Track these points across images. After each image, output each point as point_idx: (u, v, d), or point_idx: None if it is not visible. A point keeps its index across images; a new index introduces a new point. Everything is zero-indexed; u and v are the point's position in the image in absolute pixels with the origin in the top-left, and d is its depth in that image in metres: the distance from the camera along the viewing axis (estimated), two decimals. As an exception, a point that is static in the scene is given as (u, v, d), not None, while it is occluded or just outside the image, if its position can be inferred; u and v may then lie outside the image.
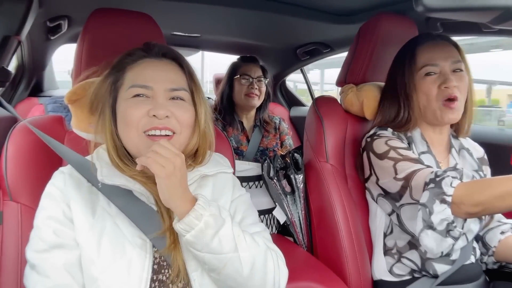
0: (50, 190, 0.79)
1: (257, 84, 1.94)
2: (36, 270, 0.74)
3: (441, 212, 0.95)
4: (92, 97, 0.86)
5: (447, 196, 0.94)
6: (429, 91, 1.12)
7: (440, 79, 1.11)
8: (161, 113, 0.78)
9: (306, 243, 1.42)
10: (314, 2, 1.57)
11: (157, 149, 0.73)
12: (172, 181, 0.73)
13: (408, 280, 1.14)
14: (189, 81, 0.86)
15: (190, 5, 1.56)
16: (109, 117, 0.83)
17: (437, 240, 0.96)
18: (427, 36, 1.17)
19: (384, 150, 1.11)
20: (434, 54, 1.12)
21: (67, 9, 1.66)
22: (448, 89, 1.09)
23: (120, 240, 0.77)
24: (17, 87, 2.15)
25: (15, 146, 0.94)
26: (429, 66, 1.12)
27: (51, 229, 0.76)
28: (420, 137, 1.18)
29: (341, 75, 1.44)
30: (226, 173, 0.94)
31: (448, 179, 0.96)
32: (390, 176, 1.07)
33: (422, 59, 1.13)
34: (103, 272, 0.74)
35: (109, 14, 1.07)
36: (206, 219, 0.72)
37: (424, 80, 1.12)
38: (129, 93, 0.80)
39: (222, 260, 0.74)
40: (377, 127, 1.21)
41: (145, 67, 0.83)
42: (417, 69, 1.13)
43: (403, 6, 1.38)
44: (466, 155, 1.22)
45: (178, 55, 0.88)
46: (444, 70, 1.11)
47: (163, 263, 0.80)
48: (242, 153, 1.92)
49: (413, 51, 1.15)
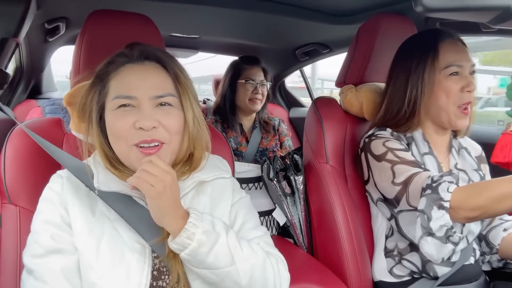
0: (48, 194, 0.78)
1: (261, 88, 1.93)
2: (33, 275, 0.73)
3: (440, 218, 0.94)
4: (79, 107, 0.84)
5: (444, 202, 0.93)
6: (451, 91, 1.09)
7: (462, 81, 1.08)
8: (148, 124, 0.74)
9: (306, 245, 1.42)
10: (313, 3, 1.57)
11: (146, 168, 0.71)
12: (163, 200, 0.71)
13: (408, 281, 1.13)
14: (175, 84, 0.81)
15: (188, 6, 1.55)
16: (97, 128, 0.80)
17: (437, 246, 0.96)
18: (447, 34, 1.13)
19: (381, 151, 1.10)
20: (459, 54, 1.10)
21: (65, 11, 1.66)
22: (469, 93, 1.08)
23: (119, 245, 0.76)
24: (16, 89, 2.15)
25: (13, 149, 0.93)
26: (454, 66, 1.08)
27: (48, 233, 0.75)
28: (421, 137, 1.16)
29: (340, 76, 1.43)
30: (225, 178, 0.92)
31: (445, 185, 0.95)
32: (388, 180, 1.07)
33: (447, 57, 1.09)
34: (102, 277, 0.73)
35: (107, 15, 1.07)
36: (199, 238, 0.71)
37: (448, 80, 1.09)
38: (113, 104, 0.77)
39: (220, 275, 0.74)
40: (376, 128, 1.20)
41: (127, 74, 0.79)
42: (441, 67, 1.09)
43: (402, 6, 1.37)
44: (465, 155, 1.22)
45: (161, 57, 0.83)
46: (466, 72, 1.09)
47: (163, 269, 0.79)
48: (241, 154, 1.91)
49: (435, 47, 1.10)
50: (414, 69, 1.12)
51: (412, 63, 1.12)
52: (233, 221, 0.88)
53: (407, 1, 0.63)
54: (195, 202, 0.85)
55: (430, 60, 1.10)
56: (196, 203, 0.85)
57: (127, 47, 0.85)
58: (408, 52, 1.16)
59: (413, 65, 1.12)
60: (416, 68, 1.11)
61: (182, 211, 0.74)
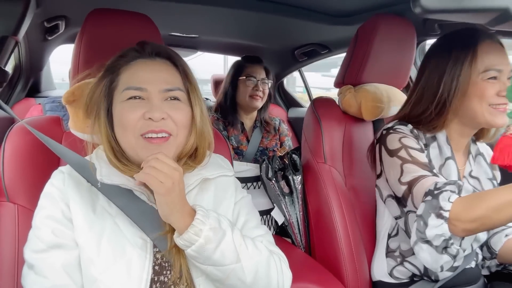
0: (49, 190, 0.79)
1: (261, 86, 1.96)
2: (34, 270, 0.73)
3: (437, 227, 0.92)
4: (87, 100, 0.85)
5: (444, 211, 0.91)
6: (485, 96, 1.04)
7: (499, 86, 1.04)
8: (157, 115, 0.77)
9: (304, 244, 1.42)
10: (312, 3, 1.57)
11: (154, 164, 0.72)
12: (172, 196, 0.72)
13: (407, 283, 1.13)
14: (184, 80, 0.85)
15: (188, 6, 1.56)
16: (105, 120, 0.82)
17: (432, 255, 0.94)
18: (487, 35, 1.07)
19: (396, 147, 1.07)
20: (499, 58, 1.05)
21: (65, 10, 1.66)
22: (504, 98, 1.04)
23: (120, 240, 0.76)
24: (15, 88, 2.15)
25: (12, 147, 0.93)
26: (493, 70, 1.03)
27: (50, 229, 0.75)
28: (445, 140, 1.12)
29: (339, 76, 1.44)
30: (228, 176, 0.93)
31: (446, 194, 0.92)
32: (395, 177, 1.05)
33: (486, 60, 1.03)
34: (103, 272, 0.73)
35: (107, 14, 1.07)
36: (206, 234, 0.72)
37: (485, 84, 1.04)
38: (124, 95, 0.79)
39: (225, 272, 0.74)
40: (397, 121, 1.15)
41: (139, 68, 0.82)
42: (479, 70, 1.04)
43: (401, 7, 1.38)
44: (481, 162, 1.18)
45: (172, 54, 0.86)
46: (504, 77, 1.04)
47: (165, 264, 0.79)
48: (242, 152, 1.92)
49: (474, 49, 1.04)
50: (449, 69, 1.06)
51: (448, 63, 1.07)
52: (235, 219, 0.89)
53: (406, 2, 0.63)
54: (199, 199, 0.86)
55: (468, 61, 1.04)
56: (200, 200, 0.85)
57: (138, 44, 0.87)
58: (444, 50, 1.10)
59: (449, 65, 1.06)
60: (452, 68, 1.06)
61: (188, 207, 0.75)
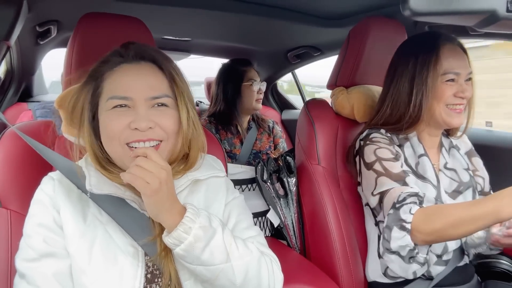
0: (39, 196, 0.77)
1: (262, 87, 1.99)
2: (26, 279, 0.72)
3: (401, 239, 0.97)
4: (69, 107, 0.81)
5: (406, 223, 0.96)
6: (443, 97, 1.09)
7: (456, 87, 1.09)
8: (143, 125, 0.73)
9: (299, 246, 1.42)
10: (304, 6, 1.58)
11: (140, 163, 0.69)
12: (159, 196, 0.69)
13: (402, 282, 1.14)
14: (171, 84, 0.80)
15: (180, 9, 1.56)
16: (88, 129, 0.79)
17: (401, 265, 0.99)
18: (447, 38, 1.12)
19: (371, 160, 1.11)
20: (457, 61, 1.10)
21: (57, 14, 1.65)
22: (461, 99, 1.09)
23: (112, 249, 0.75)
24: (6, 93, 2.13)
25: (4, 152, 0.93)
26: (451, 73, 1.09)
27: (41, 237, 0.74)
28: (417, 140, 1.18)
29: (331, 78, 1.45)
30: (219, 177, 0.92)
31: (407, 207, 0.98)
32: (370, 190, 1.10)
33: (445, 64, 1.09)
34: (95, 281, 0.72)
35: (99, 18, 1.06)
36: (195, 232, 0.70)
37: (443, 86, 1.09)
38: (108, 104, 0.76)
39: (214, 272, 0.73)
40: (370, 128, 1.19)
41: (123, 75, 0.78)
42: (439, 73, 1.09)
43: (392, 9, 1.39)
44: (456, 154, 1.23)
45: (157, 57, 0.81)
46: (461, 80, 1.10)
47: (156, 272, 0.78)
48: (235, 156, 1.91)
49: (437, 54, 1.09)
50: (418, 71, 1.10)
51: (415, 67, 1.11)
52: (226, 220, 0.87)
53: (396, 5, 0.64)
54: (189, 200, 0.84)
55: (433, 65, 1.09)
56: (190, 201, 0.83)
57: (122, 46, 0.83)
58: (409, 55, 1.14)
59: (417, 69, 1.11)
60: (420, 72, 1.10)
61: (179, 206, 0.73)
